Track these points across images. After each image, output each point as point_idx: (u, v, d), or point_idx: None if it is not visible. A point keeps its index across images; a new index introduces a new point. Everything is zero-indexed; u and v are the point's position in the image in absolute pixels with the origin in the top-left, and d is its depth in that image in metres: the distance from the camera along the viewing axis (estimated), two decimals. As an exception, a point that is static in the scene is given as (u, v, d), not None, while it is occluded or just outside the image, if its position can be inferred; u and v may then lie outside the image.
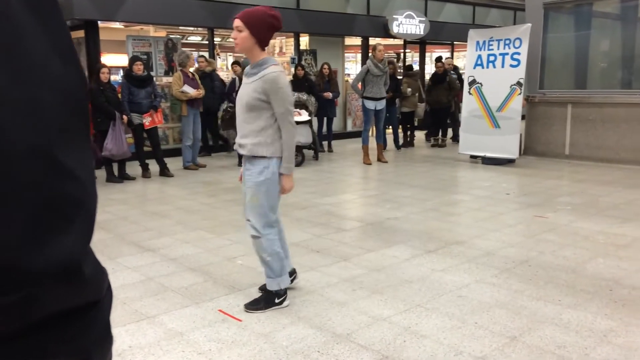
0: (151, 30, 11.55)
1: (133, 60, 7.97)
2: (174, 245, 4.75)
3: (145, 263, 4.27)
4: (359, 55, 14.15)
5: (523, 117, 9.22)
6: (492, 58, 8.93)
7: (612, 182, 7.26)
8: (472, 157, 9.25)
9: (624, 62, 9.41)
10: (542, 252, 4.39)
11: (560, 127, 9.21)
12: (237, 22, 3.17)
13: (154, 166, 8.13)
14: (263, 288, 3.52)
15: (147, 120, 7.90)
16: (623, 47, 9.41)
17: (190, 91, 8.42)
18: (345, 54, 13.83)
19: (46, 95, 0.46)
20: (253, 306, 3.38)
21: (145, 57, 9.89)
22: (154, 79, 8.46)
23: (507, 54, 8.74)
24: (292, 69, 11.03)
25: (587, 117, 8.96)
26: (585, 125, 9.01)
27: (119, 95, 7.79)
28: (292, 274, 3.70)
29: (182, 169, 8.66)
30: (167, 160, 8.47)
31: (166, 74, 10.36)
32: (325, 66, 10.41)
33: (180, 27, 12.30)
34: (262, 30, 3.17)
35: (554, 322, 3.13)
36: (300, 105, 9.27)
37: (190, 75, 8.59)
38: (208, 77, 9.36)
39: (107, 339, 0.54)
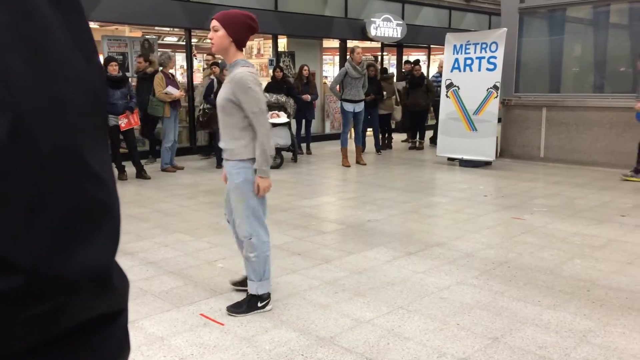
0: (126, 31, 11.40)
1: (108, 60, 7.85)
2: (153, 248, 4.68)
3: (124, 267, 4.10)
4: (337, 58, 14.19)
5: (499, 120, 9.34)
6: (469, 61, 9.03)
7: (586, 184, 7.40)
8: (450, 159, 9.34)
9: (596, 67, 9.62)
10: (520, 254, 4.45)
11: (535, 130, 9.36)
12: (214, 22, 3.18)
13: (130, 168, 8.01)
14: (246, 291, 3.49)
15: (122, 122, 7.78)
16: (595, 52, 9.62)
17: (174, 92, 8.34)
18: (323, 56, 13.86)
19: (73, 92, 0.44)
20: (235, 309, 3.35)
21: (120, 57, 9.75)
22: (130, 79, 8.34)
23: (483, 57, 8.85)
24: (271, 71, 11.00)
25: (561, 120, 9.13)
26: (559, 128, 9.18)
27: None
28: None
29: (158, 171, 8.54)
30: (143, 162, 8.36)
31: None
32: (305, 67, 10.40)
33: (157, 28, 12.17)
34: (239, 30, 3.16)
35: (534, 323, 3.17)
36: (278, 107, 9.24)
37: (170, 76, 8.50)
38: (149, 80, 8.57)
39: (126, 347, 0.52)
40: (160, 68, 8.61)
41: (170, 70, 8.86)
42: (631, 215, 5.64)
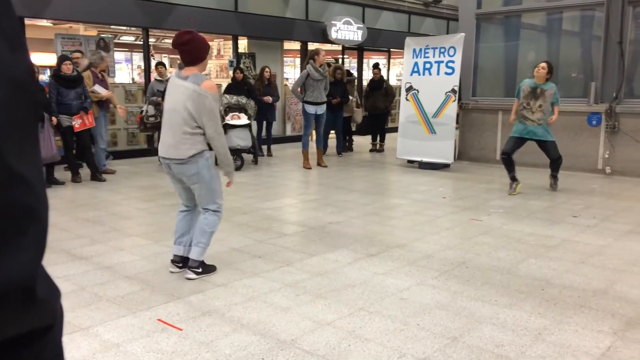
0: (81, 29, 11.09)
1: (62, 59, 7.60)
2: (108, 252, 4.55)
3: (77, 272, 4.06)
4: (298, 60, 14.19)
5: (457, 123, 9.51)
6: (428, 65, 9.17)
7: (539, 185, 7.61)
8: (410, 161, 9.45)
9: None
10: (478, 254, 4.53)
11: (491, 133, 9.57)
12: None
13: (84, 170, 7.79)
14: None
15: (76, 123, 7.55)
16: (548, 58, 9.89)
17: (102, 91, 8.10)
18: (284, 58, 13.83)
19: None
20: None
21: (72, 55, 9.46)
22: (92, 78, 8.09)
23: (442, 61, 9.00)
24: (231, 72, 10.90)
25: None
26: (514, 131, 9.39)
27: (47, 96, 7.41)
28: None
29: (115, 174, 8.33)
30: (99, 164, 8.14)
31: (98, 74, 9.95)
32: (267, 69, 10.34)
33: (113, 27, 11.90)
34: None
35: (491, 322, 3.23)
36: (239, 108, 9.15)
37: (100, 76, 8.24)
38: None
39: None
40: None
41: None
42: (582, 216, 5.83)
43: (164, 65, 9.44)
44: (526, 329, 3.14)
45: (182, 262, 4.00)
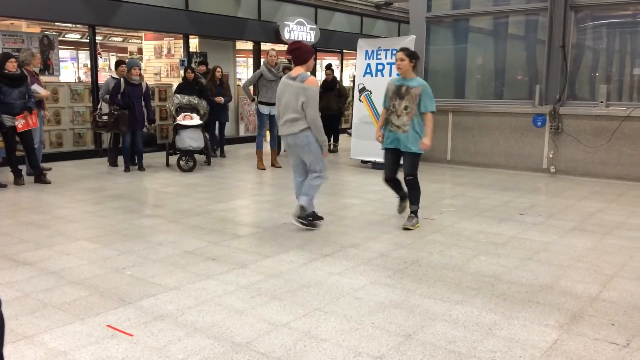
0: (23, 26, 10.66)
1: (6, 57, 7.27)
2: (54, 257, 4.38)
3: (21, 278, 3.89)
4: (251, 60, 14.10)
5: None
6: (380, 67, 9.28)
7: (488, 185, 7.82)
8: (363, 162, 9.54)
9: (496, 75, 10.22)
10: (430, 252, 4.61)
11: (442, 134, 9.77)
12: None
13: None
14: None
15: (20, 123, 7.25)
16: (495, 60, 10.22)
17: (40, 91, 7.81)
18: (237, 58, 13.70)
19: None
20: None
21: (17, 54, 9.08)
22: (28, 78, 7.76)
23: (394, 63, 9.10)
24: (182, 72, 10.71)
25: (466, 124, 9.60)
26: (464, 132, 9.64)
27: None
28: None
29: (53, 175, 8.04)
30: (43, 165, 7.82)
31: (41, 72, 9.58)
32: (219, 69, 10.22)
33: (57, 24, 11.49)
34: None
35: (444, 319, 3.29)
36: (191, 109, 9.01)
37: (34, 74, 7.93)
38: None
39: None
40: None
41: (36, 68, 8.26)
42: (529, 214, 6.03)
43: (124, 64, 9.18)
44: (477, 324, 3.21)
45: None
